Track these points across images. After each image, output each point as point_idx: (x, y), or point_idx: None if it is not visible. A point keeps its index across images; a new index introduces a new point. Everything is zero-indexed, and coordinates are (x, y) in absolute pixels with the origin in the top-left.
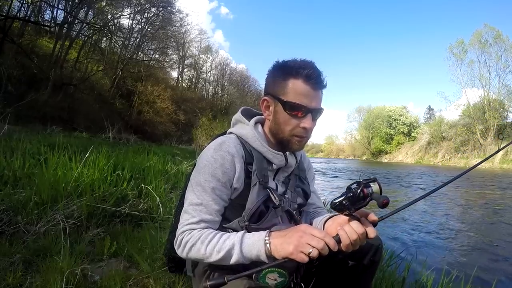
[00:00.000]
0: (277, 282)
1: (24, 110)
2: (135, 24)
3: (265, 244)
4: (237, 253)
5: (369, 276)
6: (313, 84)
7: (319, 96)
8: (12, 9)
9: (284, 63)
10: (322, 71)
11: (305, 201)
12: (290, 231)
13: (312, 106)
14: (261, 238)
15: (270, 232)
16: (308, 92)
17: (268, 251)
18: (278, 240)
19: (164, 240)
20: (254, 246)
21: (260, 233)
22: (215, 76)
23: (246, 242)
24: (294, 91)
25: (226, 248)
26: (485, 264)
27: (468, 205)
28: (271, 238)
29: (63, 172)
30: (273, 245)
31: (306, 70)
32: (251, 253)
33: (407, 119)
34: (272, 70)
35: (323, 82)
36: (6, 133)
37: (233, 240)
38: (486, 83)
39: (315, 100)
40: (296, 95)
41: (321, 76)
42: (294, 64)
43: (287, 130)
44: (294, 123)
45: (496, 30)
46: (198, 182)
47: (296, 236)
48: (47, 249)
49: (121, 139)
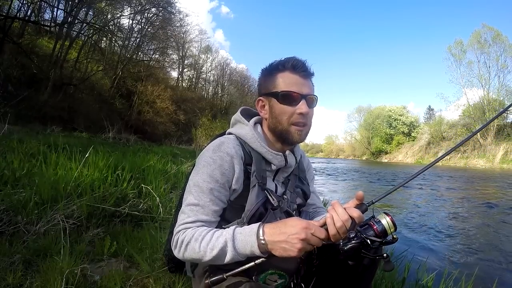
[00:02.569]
0: (277, 283)
1: (24, 110)
2: (135, 24)
3: (258, 239)
4: (231, 251)
5: (369, 276)
6: (300, 72)
7: (309, 84)
8: (12, 9)
9: (270, 64)
10: (306, 60)
11: (304, 201)
12: (284, 224)
13: (304, 92)
14: (253, 233)
15: (264, 229)
16: (297, 80)
17: (263, 247)
18: (275, 237)
19: (164, 240)
20: (247, 242)
21: (251, 228)
22: (215, 76)
23: (238, 238)
24: (284, 82)
25: (219, 246)
26: (486, 265)
27: (468, 205)
28: (265, 236)
29: (63, 172)
30: (270, 242)
31: (290, 62)
32: (245, 249)
33: (407, 119)
34: (261, 74)
35: (310, 69)
36: (6, 133)
37: (225, 237)
38: (486, 83)
39: (306, 87)
40: (286, 85)
41: (306, 64)
42: (279, 61)
43: (284, 119)
44: (290, 111)
45: (495, 29)
46: (196, 183)
47: (299, 228)
48: (47, 249)
49: (121, 139)
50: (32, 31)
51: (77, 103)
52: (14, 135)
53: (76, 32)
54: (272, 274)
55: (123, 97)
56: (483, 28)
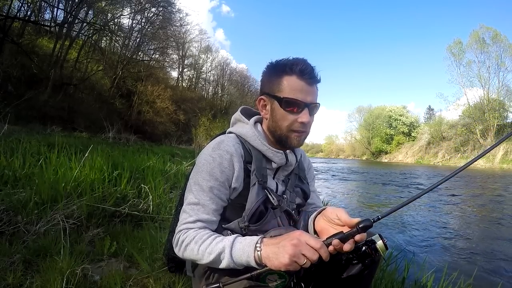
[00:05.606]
0: (277, 283)
1: (24, 110)
2: (135, 24)
3: (255, 251)
4: (227, 258)
5: (369, 276)
6: (307, 79)
7: (314, 91)
8: (12, 9)
9: (277, 62)
10: (315, 66)
11: (304, 201)
12: (283, 238)
13: (308, 100)
14: (252, 244)
15: (263, 239)
16: (303, 87)
17: (259, 258)
18: (271, 248)
19: (164, 240)
20: (244, 251)
21: (252, 238)
22: (215, 76)
23: (236, 246)
24: (289, 87)
25: (217, 251)
26: (486, 265)
27: (469, 205)
28: (263, 245)
29: (63, 172)
30: (265, 253)
31: (299, 66)
32: (241, 258)
33: (407, 119)
34: (266, 70)
35: (317, 76)
36: (6, 133)
37: (224, 244)
38: (486, 83)
39: (311, 95)
40: (291, 91)
41: (314, 71)
42: (287, 62)
43: (284, 126)
44: (291, 119)
45: (493, 29)
46: (196, 181)
47: (291, 246)
48: (47, 249)
49: (121, 139)
50: (32, 31)
51: (77, 103)
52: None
53: (76, 32)
54: (272, 274)
55: (123, 97)
56: (481, 28)
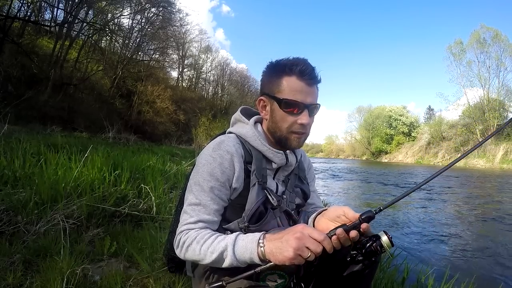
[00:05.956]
0: (277, 283)
1: (24, 110)
2: (135, 24)
3: (258, 247)
4: (230, 255)
5: (369, 276)
6: (307, 79)
7: (314, 91)
8: (12, 9)
9: (277, 62)
10: (315, 66)
11: (303, 201)
12: (286, 232)
13: (308, 102)
14: (255, 240)
15: (265, 235)
16: (302, 88)
17: (262, 254)
18: (274, 243)
19: (164, 240)
20: (247, 248)
21: (254, 235)
22: (215, 76)
23: (239, 244)
24: (289, 88)
25: (219, 250)
26: (487, 265)
27: (469, 205)
28: (265, 241)
29: (63, 172)
30: (268, 248)
31: (299, 67)
32: (244, 255)
33: (407, 119)
34: (266, 70)
35: (317, 77)
36: (6, 133)
37: (226, 242)
38: (486, 83)
39: (311, 96)
40: (291, 92)
41: (314, 72)
42: (287, 62)
43: (284, 127)
44: (291, 120)
45: (493, 29)
46: (197, 182)
47: (294, 239)
48: (47, 249)
49: (121, 139)
50: (32, 31)
51: (77, 103)
52: (14, 135)
53: (76, 32)
54: (272, 274)
55: (123, 97)
56: (481, 28)
